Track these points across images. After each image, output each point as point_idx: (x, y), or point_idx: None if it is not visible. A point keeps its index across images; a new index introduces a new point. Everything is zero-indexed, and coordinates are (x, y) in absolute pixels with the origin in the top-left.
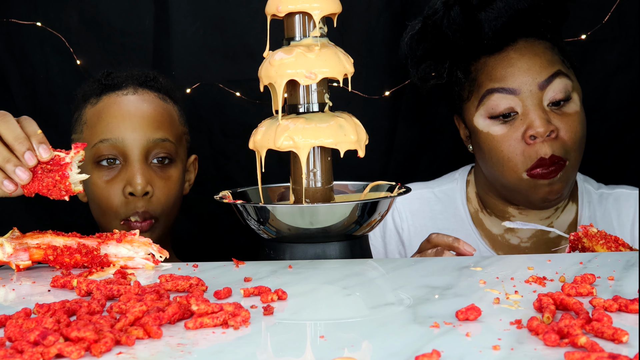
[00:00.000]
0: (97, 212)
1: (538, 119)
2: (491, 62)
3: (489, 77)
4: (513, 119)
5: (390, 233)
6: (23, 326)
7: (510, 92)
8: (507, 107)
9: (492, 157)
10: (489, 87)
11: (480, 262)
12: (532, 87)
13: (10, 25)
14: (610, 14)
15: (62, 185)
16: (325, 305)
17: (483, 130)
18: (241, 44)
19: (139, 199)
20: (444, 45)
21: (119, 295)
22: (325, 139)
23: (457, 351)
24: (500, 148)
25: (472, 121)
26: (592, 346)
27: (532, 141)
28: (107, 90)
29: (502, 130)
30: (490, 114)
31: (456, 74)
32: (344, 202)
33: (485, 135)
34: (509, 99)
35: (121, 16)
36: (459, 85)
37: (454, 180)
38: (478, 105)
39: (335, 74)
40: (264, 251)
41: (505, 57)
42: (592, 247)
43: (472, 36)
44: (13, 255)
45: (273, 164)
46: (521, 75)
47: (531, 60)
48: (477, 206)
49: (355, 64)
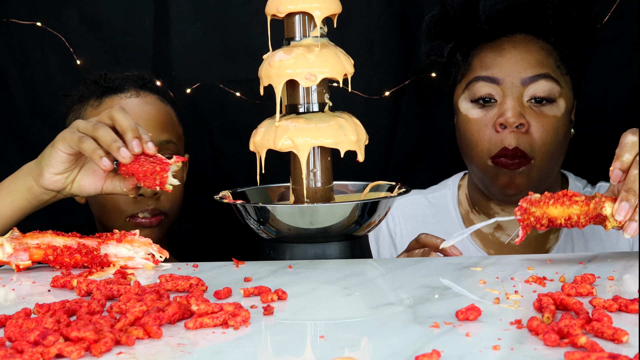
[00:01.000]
0: (100, 212)
1: (511, 109)
2: (485, 49)
3: (479, 63)
4: (491, 106)
5: (383, 237)
6: (23, 326)
7: (493, 80)
8: (487, 93)
9: (465, 139)
10: (477, 74)
11: (480, 262)
12: (515, 80)
13: (10, 25)
14: (610, 14)
15: (158, 176)
16: (325, 305)
17: (463, 112)
18: (241, 44)
19: (147, 198)
20: (448, 26)
21: (119, 295)
22: (325, 139)
23: (457, 351)
24: (472, 131)
25: (457, 103)
26: (592, 346)
27: (500, 129)
28: (108, 92)
29: (478, 114)
30: (472, 97)
31: (456, 55)
32: (344, 202)
33: (463, 117)
34: (491, 87)
35: (121, 16)
36: (455, 67)
37: (446, 186)
38: (464, 89)
39: (335, 75)
40: (264, 251)
41: (499, 46)
42: (545, 213)
43: (470, 19)
44: (13, 255)
45: (273, 164)
46: (507, 66)
47: (521, 55)
48: (468, 207)
49: (355, 64)
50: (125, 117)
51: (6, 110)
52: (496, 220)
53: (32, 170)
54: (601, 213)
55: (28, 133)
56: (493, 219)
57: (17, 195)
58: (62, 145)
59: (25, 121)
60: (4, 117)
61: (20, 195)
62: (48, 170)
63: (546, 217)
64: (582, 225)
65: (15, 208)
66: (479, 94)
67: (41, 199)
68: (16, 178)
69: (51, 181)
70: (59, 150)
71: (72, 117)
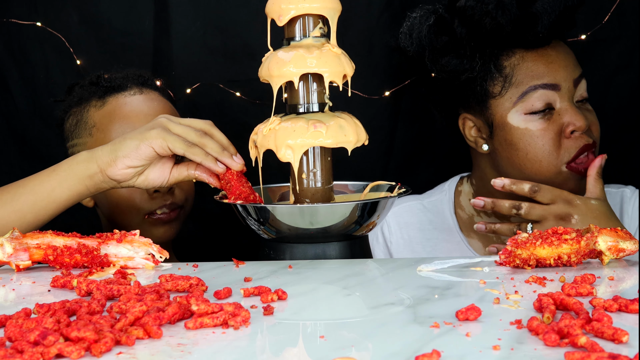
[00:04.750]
0: (115, 212)
1: (577, 114)
2: (529, 57)
3: (530, 73)
4: (550, 114)
5: (379, 245)
6: (23, 326)
7: (552, 87)
8: (546, 103)
9: (529, 152)
10: (532, 83)
11: (480, 262)
12: (569, 83)
13: (10, 25)
14: (610, 14)
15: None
16: (325, 305)
17: (519, 126)
18: (241, 44)
19: (163, 194)
20: (475, 36)
21: (119, 295)
22: (325, 140)
23: (457, 351)
24: (540, 143)
25: (504, 117)
26: (592, 346)
27: (571, 135)
28: (111, 92)
29: (541, 125)
30: (529, 110)
31: (489, 68)
32: (344, 202)
33: (522, 132)
34: (550, 94)
35: (121, 16)
36: (488, 80)
37: (442, 191)
38: (516, 102)
39: (335, 77)
40: (264, 251)
41: (544, 53)
42: (533, 254)
43: (526, 28)
44: (13, 255)
45: (273, 164)
46: (561, 71)
47: (567, 58)
48: (473, 211)
49: (355, 64)
50: (221, 133)
51: (6, 110)
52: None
53: (99, 158)
54: (595, 249)
55: (28, 133)
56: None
57: (74, 181)
58: (158, 143)
59: (25, 121)
60: (4, 117)
61: (79, 180)
62: (123, 162)
63: (534, 259)
64: (574, 263)
65: (72, 193)
66: (537, 105)
67: (100, 187)
68: (75, 163)
69: (121, 172)
70: (150, 147)
71: (72, 120)
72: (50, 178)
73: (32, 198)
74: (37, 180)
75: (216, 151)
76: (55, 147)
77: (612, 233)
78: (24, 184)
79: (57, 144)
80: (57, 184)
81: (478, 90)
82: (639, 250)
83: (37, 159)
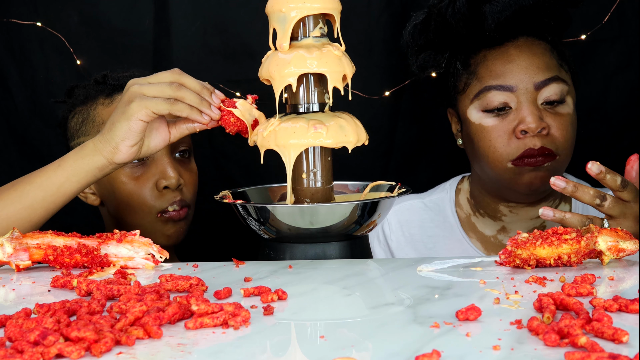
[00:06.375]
0: (126, 211)
1: (530, 115)
2: (491, 56)
3: (488, 72)
4: (506, 113)
5: (379, 244)
6: (23, 326)
7: (506, 89)
8: (501, 102)
9: (480, 147)
10: (487, 84)
11: (480, 262)
12: (528, 85)
13: (10, 25)
14: (610, 14)
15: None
16: (325, 305)
17: (475, 121)
18: (241, 44)
19: (172, 190)
20: (446, 35)
21: (119, 295)
22: (325, 140)
23: (457, 351)
24: (489, 138)
25: (465, 113)
26: (592, 346)
27: (522, 135)
28: (118, 90)
29: (494, 122)
30: (484, 107)
31: (455, 64)
32: (344, 202)
33: (476, 127)
34: (505, 95)
35: (121, 16)
36: (455, 77)
37: (444, 190)
38: (473, 99)
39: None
40: (264, 251)
41: (505, 52)
42: (533, 254)
43: (475, 27)
44: (13, 255)
45: (273, 164)
46: (519, 73)
47: (529, 59)
48: (470, 210)
49: (355, 64)
50: (189, 78)
51: (6, 110)
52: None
53: (102, 150)
54: (595, 249)
55: (28, 133)
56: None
57: (83, 174)
58: (143, 114)
59: (25, 121)
60: (4, 117)
61: (88, 174)
62: (125, 144)
63: (534, 259)
64: (574, 263)
65: (81, 185)
66: (493, 104)
67: (106, 173)
68: (81, 157)
69: (128, 154)
70: (139, 120)
71: (78, 119)
72: (56, 173)
73: (42, 194)
74: (45, 176)
75: (195, 102)
76: (55, 147)
77: (612, 233)
78: (30, 181)
79: (57, 144)
80: (66, 179)
81: (450, 86)
82: (639, 250)
83: (37, 159)
